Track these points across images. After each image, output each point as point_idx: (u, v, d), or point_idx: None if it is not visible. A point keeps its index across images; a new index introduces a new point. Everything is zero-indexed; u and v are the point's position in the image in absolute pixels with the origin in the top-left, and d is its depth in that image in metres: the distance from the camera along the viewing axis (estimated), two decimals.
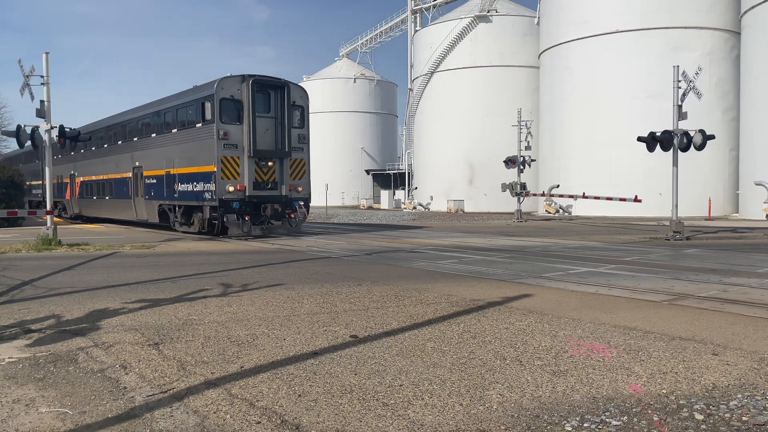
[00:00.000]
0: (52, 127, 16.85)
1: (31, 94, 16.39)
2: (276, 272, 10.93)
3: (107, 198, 28.16)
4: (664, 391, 4.33)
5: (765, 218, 29.23)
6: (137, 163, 24.50)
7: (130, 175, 25.22)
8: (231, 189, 18.86)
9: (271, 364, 5.02)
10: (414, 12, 57.87)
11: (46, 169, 17.15)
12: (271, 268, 11.60)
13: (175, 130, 21.74)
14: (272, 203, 19.62)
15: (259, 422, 3.78)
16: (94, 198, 29.89)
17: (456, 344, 5.65)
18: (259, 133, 19.54)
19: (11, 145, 51.66)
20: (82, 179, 31.63)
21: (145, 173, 23.83)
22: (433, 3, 56.51)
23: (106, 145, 28.46)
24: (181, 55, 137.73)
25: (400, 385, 4.47)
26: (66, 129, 17.49)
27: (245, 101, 19.34)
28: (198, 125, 20.07)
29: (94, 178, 29.89)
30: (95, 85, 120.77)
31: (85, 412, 3.97)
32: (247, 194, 19.17)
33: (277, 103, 20.07)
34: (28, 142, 16.35)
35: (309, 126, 21.51)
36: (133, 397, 4.25)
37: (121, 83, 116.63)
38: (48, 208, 17.16)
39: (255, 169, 19.47)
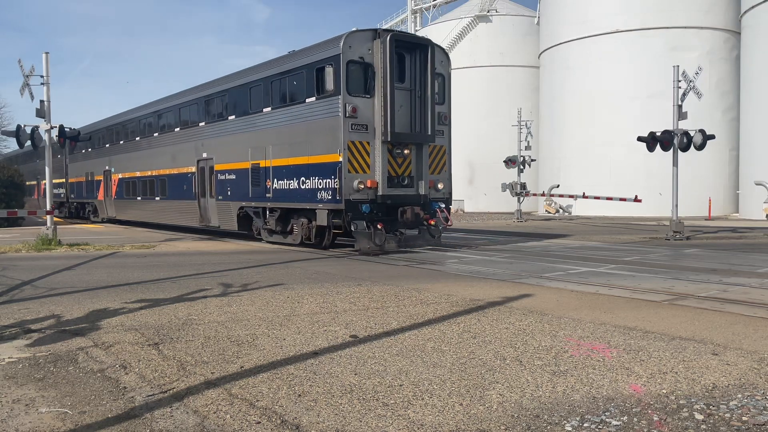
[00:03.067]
0: (52, 127, 16.85)
1: (31, 94, 16.41)
2: (276, 272, 10.92)
3: (158, 199, 23.40)
4: (664, 391, 4.33)
5: (765, 218, 29.23)
6: (205, 155, 19.81)
7: (193, 169, 20.60)
8: (360, 186, 14.06)
9: (271, 364, 5.02)
10: (414, 12, 57.86)
11: (46, 169, 17.14)
12: (271, 268, 11.60)
13: (268, 109, 16.71)
14: (411, 205, 14.66)
15: (259, 422, 3.78)
16: (138, 199, 25.13)
17: (456, 344, 5.65)
18: (395, 109, 14.61)
19: (11, 145, 51.36)
20: (120, 176, 26.90)
21: (217, 167, 19.09)
22: (433, 3, 56.51)
23: (156, 134, 23.75)
24: (181, 55, 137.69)
25: (400, 385, 4.47)
26: (66, 129, 17.49)
27: (379, 66, 14.37)
28: (310, 100, 15.17)
29: (138, 174, 25.13)
30: (95, 85, 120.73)
31: (85, 412, 3.97)
32: (379, 193, 14.30)
33: (416, 70, 15.02)
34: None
35: (451, 102, 16.33)
36: (133, 397, 4.25)
37: (121, 83, 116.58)
38: (48, 208, 17.16)
39: (388, 159, 14.66)
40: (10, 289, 8.94)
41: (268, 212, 16.95)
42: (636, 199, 27.94)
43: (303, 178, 15.36)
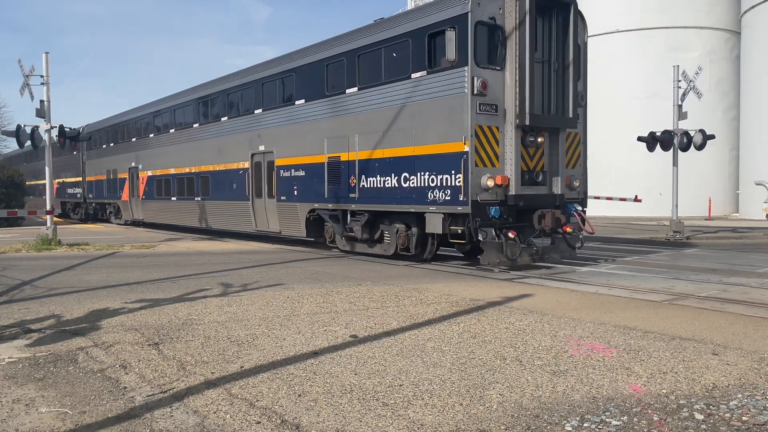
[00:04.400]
0: (52, 127, 16.85)
1: (31, 94, 16.40)
2: (276, 272, 10.92)
3: (198, 199, 20.33)
4: (664, 391, 4.33)
5: (765, 218, 29.21)
6: (262, 147, 16.72)
7: (246, 165, 17.52)
8: (489, 184, 10.94)
9: (271, 364, 5.02)
10: None
11: (46, 169, 17.13)
12: (271, 268, 11.60)
13: (353, 90, 13.45)
14: (548, 208, 11.54)
15: (259, 422, 3.78)
16: (173, 199, 21.96)
17: (456, 344, 5.65)
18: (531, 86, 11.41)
19: (11, 145, 51.08)
20: (150, 173, 23.71)
21: (279, 161, 16.02)
22: None
23: (196, 125, 20.48)
24: (181, 55, 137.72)
25: (400, 385, 4.47)
26: (66, 129, 17.49)
27: (512, 29, 11.31)
28: (417, 75, 11.97)
29: (172, 171, 21.97)
30: (95, 85, 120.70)
31: (85, 412, 3.97)
32: (511, 192, 11.22)
33: (553, 37, 11.85)
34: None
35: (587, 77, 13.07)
36: (133, 397, 4.25)
37: (121, 83, 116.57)
38: (48, 208, 17.16)
39: (521, 150, 11.48)
40: (10, 289, 8.94)
41: (350, 216, 13.81)
42: (636, 199, 27.90)
43: (406, 174, 12.23)
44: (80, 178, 31.54)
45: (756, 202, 31.06)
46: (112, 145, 27.72)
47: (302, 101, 15.21)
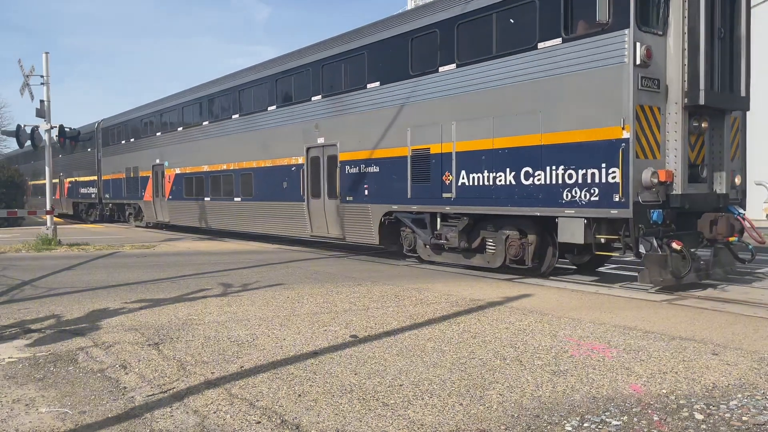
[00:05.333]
0: (52, 127, 16.86)
1: (31, 94, 16.42)
2: (276, 272, 10.92)
3: (238, 200, 18.21)
4: (664, 391, 4.33)
5: (765, 218, 29.20)
6: (321, 140, 14.53)
7: (300, 160, 15.28)
8: (653, 181, 8.83)
9: (271, 364, 5.02)
10: None
11: (46, 169, 17.15)
12: (271, 268, 11.60)
13: (449, 67, 11.19)
14: (714, 212, 9.58)
15: (259, 422, 3.78)
16: (207, 200, 19.81)
17: (456, 344, 5.65)
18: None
19: (11, 145, 50.90)
20: (177, 171, 21.47)
21: (343, 156, 13.87)
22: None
23: (236, 116, 18.20)
24: (181, 55, 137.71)
25: (400, 385, 4.47)
26: (66, 129, 17.50)
27: None
28: (547, 44, 9.66)
29: (206, 168, 19.73)
30: (95, 85, 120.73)
31: (85, 412, 3.97)
32: (677, 191, 9.09)
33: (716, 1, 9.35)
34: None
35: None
36: (133, 397, 4.25)
37: (121, 83, 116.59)
38: (48, 207, 17.17)
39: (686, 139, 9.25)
40: (10, 289, 8.94)
41: (440, 220, 11.68)
42: None
43: (528, 169, 9.94)
44: (95, 177, 29.21)
45: (756, 202, 30.66)
46: (132, 140, 25.37)
47: (376, 84, 12.92)
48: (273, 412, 3.94)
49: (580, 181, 9.31)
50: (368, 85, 13.20)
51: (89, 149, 29.21)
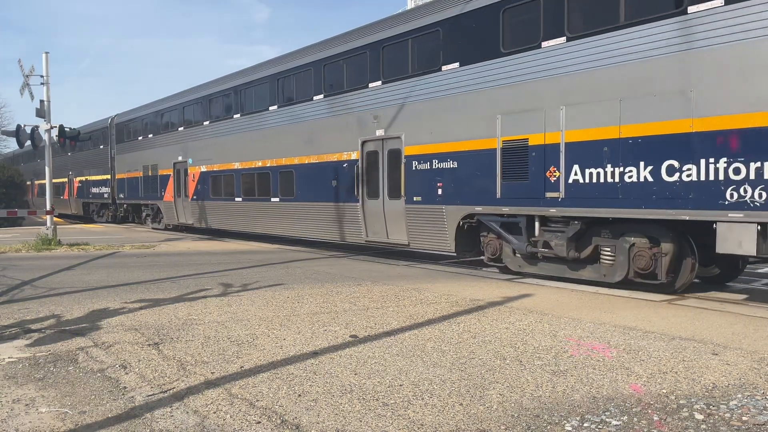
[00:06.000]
0: (52, 127, 16.86)
1: (31, 93, 16.43)
2: (276, 272, 10.93)
3: (276, 200, 16.43)
4: (664, 391, 4.33)
5: None
6: (381, 132, 12.97)
7: (353, 155, 13.71)
8: None
9: (271, 364, 5.02)
10: None
11: (46, 169, 17.15)
12: (271, 268, 11.60)
13: (556, 42, 9.56)
14: None
15: (259, 422, 3.78)
16: (238, 200, 18.18)
17: (456, 344, 5.65)
18: None
19: (11, 145, 50.75)
20: (203, 169, 19.83)
21: (410, 150, 12.25)
22: None
23: (273, 107, 16.51)
24: (181, 55, 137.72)
25: (400, 385, 4.47)
26: (66, 129, 17.50)
27: None
28: (705, 5, 8.08)
29: (237, 166, 18.13)
30: (95, 85, 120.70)
31: (85, 412, 3.97)
32: None
33: None
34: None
35: None
36: (133, 397, 4.26)
37: (121, 83, 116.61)
38: (48, 208, 17.17)
39: None
40: (10, 289, 8.94)
41: (538, 224, 9.99)
42: None
43: (673, 163, 8.24)
44: (108, 176, 27.49)
45: None
46: (151, 136, 23.66)
47: (454, 65, 11.24)
48: (273, 412, 3.94)
49: (752, 176, 7.50)
50: (444, 67, 11.43)
51: (102, 146, 27.61)
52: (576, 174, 9.31)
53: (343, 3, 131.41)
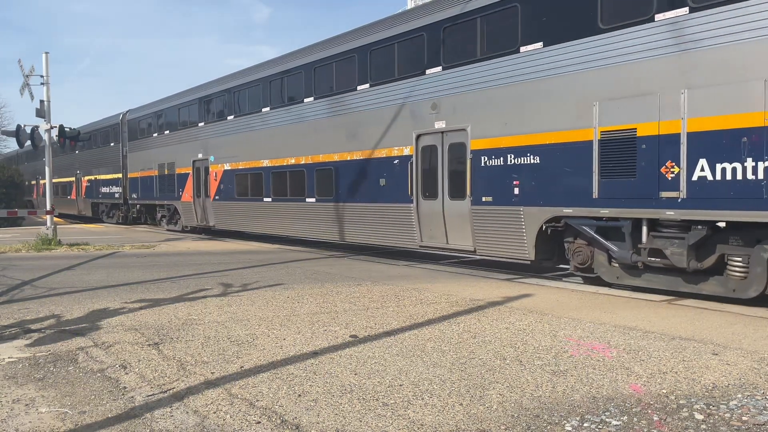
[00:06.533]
0: (52, 127, 16.87)
1: (31, 93, 16.44)
2: (276, 272, 10.93)
3: (311, 201, 15.12)
4: (664, 391, 4.33)
5: None
6: (441, 124, 11.60)
7: (405, 150, 12.40)
8: None
9: (271, 364, 5.02)
10: None
11: (46, 169, 17.15)
12: (271, 268, 11.60)
13: (678, 12, 8.23)
14: None
15: (259, 422, 3.78)
16: (267, 200, 16.78)
17: (456, 344, 5.65)
18: None
19: (11, 145, 50.70)
20: (227, 167, 18.62)
21: (477, 144, 10.86)
22: None
23: (309, 99, 15.10)
24: (181, 55, 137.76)
25: (400, 385, 4.47)
26: (66, 128, 17.50)
27: None
28: None
29: (266, 164, 16.77)
30: (95, 85, 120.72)
31: (84, 412, 3.97)
32: None
33: None
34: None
35: None
36: (133, 397, 4.26)
37: (121, 83, 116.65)
38: (48, 208, 17.17)
39: None
40: (10, 289, 8.94)
41: (645, 228, 8.59)
42: None
43: None
44: (119, 175, 26.15)
45: None
46: (167, 133, 22.32)
47: (535, 45, 9.85)
48: (273, 412, 3.94)
49: None
50: (522, 48, 10.06)
51: (112, 144, 26.38)
52: (703, 170, 7.87)
53: (344, 3, 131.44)
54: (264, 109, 16.90)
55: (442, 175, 11.65)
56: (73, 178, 31.67)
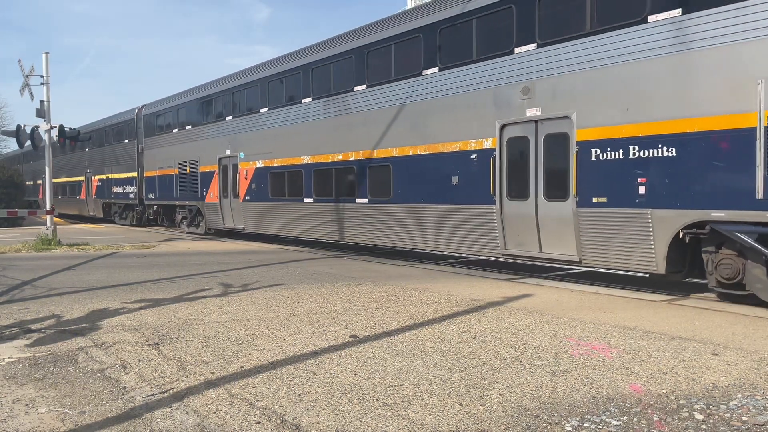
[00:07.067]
0: (52, 127, 16.88)
1: (31, 94, 16.45)
2: (276, 272, 10.92)
3: (365, 201, 13.62)
4: (664, 391, 4.33)
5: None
6: (535, 112, 10.03)
7: (486, 143, 10.82)
8: None
9: (271, 364, 5.02)
10: None
11: (46, 169, 17.15)
12: (271, 268, 11.60)
13: None
14: None
15: (259, 422, 3.78)
16: (308, 201, 15.36)
17: (456, 344, 5.65)
18: None
19: (11, 145, 50.67)
20: (259, 165, 17.08)
21: (585, 134, 9.33)
22: None
23: (359, 87, 13.69)
24: (181, 55, 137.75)
25: (400, 385, 4.47)
26: (66, 129, 17.50)
27: None
28: None
29: (306, 161, 15.28)
30: (95, 85, 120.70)
31: (84, 412, 3.97)
32: None
33: None
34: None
35: None
36: (133, 397, 4.26)
37: (121, 83, 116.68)
38: (48, 208, 17.18)
39: None
40: (10, 289, 8.94)
41: None
42: None
43: None
44: (134, 174, 24.75)
45: None
46: (188, 128, 20.73)
47: (672, 13, 8.24)
48: (273, 412, 3.94)
49: None
50: (652, 18, 8.44)
51: (126, 141, 24.91)
52: None
53: (344, 3, 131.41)
54: (305, 100, 15.32)
55: (535, 171, 9.98)
56: (82, 178, 30.38)
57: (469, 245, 11.29)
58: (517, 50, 10.24)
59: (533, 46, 9.99)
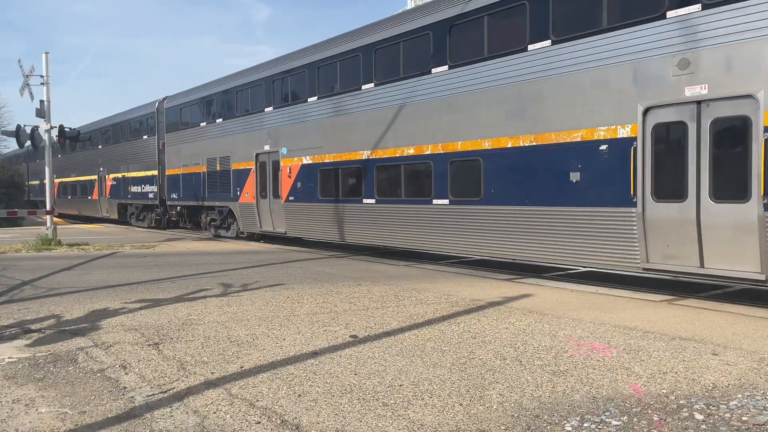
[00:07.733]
0: (52, 127, 16.88)
1: (31, 94, 16.44)
2: (276, 272, 10.92)
3: (441, 202, 11.82)
4: (664, 391, 4.33)
5: None
6: (699, 90, 7.96)
7: (621, 132, 8.85)
8: None
9: (271, 364, 5.02)
10: None
11: (46, 169, 17.15)
12: (271, 268, 11.60)
13: None
14: None
15: (259, 422, 3.78)
16: (368, 202, 13.58)
17: (456, 344, 5.65)
18: None
19: (11, 145, 50.67)
20: (306, 161, 15.25)
21: None
22: None
23: (438, 68, 11.76)
24: (181, 55, 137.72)
25: (400, 385, 4.47)
26: (66, 129, 17.51)
27: None
28: None
29: (365, 156, 13.59)
30: (95, 85, 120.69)
31: (84, 412, 3.97)
32: None
33: None
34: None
35: None
36: (133, 397, 4.26)
37: (121, 83, 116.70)
38: (48, 208, 17.18)
39: None
40: (10, 289, 8.94)
41: None
42: None
43: None
44: (154, 172, 23.08)
45: None
46: (219, 121, 18.83)
47: None
48: (273, 412, 3.94)
49: None
50: None
51: (145, 136, 23.34)
52: None
53: (344, 2, 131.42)
54: (365, 86, 13.42)
55: (697, 165, 8.08)
56: (95, 177, 28.63)
57: (592, 256, 9.41)
58: (669, 14, 8.29)
59: (697, 6, 8.01)
